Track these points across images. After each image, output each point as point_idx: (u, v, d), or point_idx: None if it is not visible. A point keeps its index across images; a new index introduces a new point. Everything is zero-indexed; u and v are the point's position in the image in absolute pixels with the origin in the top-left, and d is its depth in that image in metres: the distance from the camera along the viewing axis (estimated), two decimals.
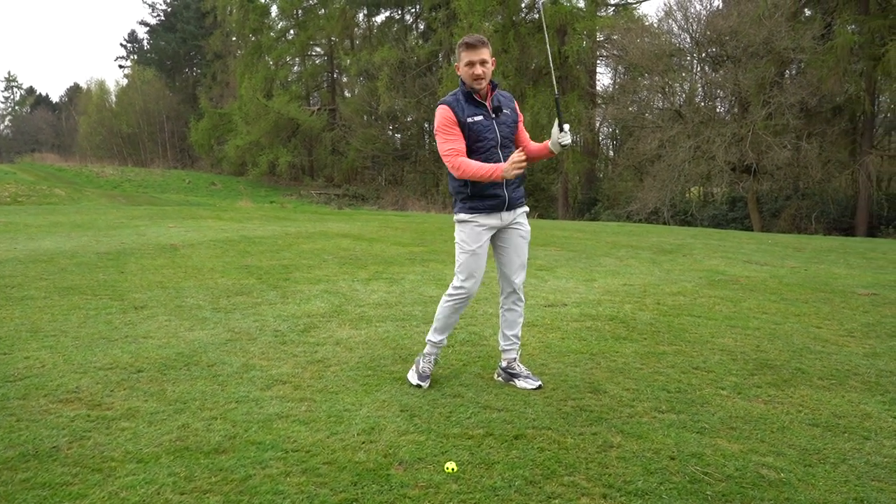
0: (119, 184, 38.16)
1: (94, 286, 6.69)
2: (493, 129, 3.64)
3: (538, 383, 3.79)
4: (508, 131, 3.71)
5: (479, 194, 3.70)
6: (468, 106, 3.63)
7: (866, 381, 3.97)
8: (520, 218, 3.84)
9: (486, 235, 3.75)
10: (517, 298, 3.93)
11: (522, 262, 3.88)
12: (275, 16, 46.85)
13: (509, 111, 3.74)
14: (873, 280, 7.76)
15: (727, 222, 26.22)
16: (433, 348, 3.95)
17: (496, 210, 3.72)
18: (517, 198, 3.78)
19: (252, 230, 12.09)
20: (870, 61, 23.52)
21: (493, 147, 3.64)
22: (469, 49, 3.56)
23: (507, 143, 3.71)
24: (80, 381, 3.81)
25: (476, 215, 3.72)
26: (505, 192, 3.70)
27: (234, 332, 4.95)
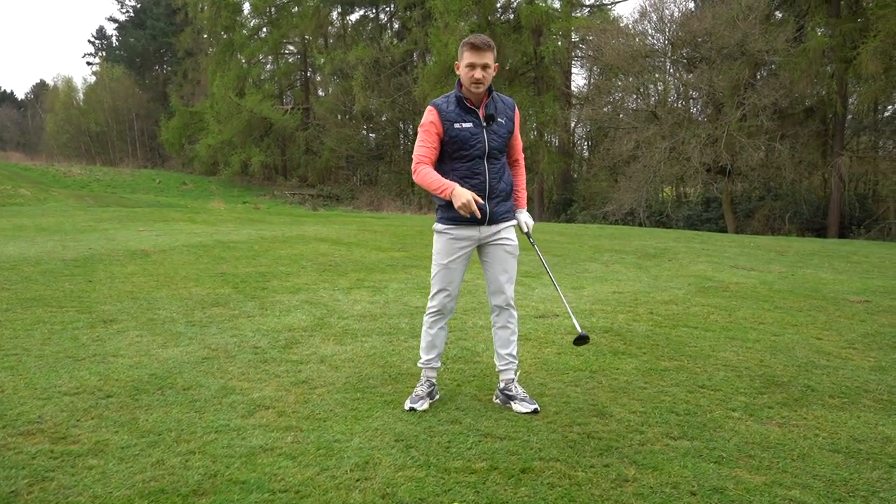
0: (87, 183, 37.27)
1: (59, 297, 6.33)
2: (482, 138, 3.44)
3: (534, 406, 3.53)
4: (499, 142, 3.49)
5: None
6: (458, 111, 3.44)
7: (879, 400, 3.81)
8: (505, 232, 3.59)
9: (462, 249, 3.55)
10: (508, 315, 3.69)
11: (510, 277, 3.65)
12: (247, 13, 46.14)
13: (505, 120, 3.53)
14: (862, 286, 7.68)
15: (702, 223, 26.33)
16: (424, 369, 3.74)
17: (474, 223, 3.50)
18: (501, 212, 3.56)
19: (226, 234, 11.72)
20: (841, 64, 23.77)
21: (479, 157, 3.44)
22: (473, 51, 3.36)
23: (495, 155, 3.49)
24: (44, 409, 3.50)
25: (451, 227, 3.53)
26: (486, 205, 3.47)
27: (211, 349, 4.66)
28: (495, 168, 3.51)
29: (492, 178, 3.49)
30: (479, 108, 3.46)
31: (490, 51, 3.35)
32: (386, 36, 42.94)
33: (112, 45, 63.97)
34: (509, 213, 3.63)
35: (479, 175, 3.47)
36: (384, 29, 44.40)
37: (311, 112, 43.17)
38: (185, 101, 50.65)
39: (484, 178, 3.48)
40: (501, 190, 3.55)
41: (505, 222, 3.60)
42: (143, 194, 35.44)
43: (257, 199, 36.42)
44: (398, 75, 37.32)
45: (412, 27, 37.58)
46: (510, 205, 3.64)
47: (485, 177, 3.48)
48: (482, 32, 31.80)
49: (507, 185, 3.59)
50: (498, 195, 3.53)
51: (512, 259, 3.63)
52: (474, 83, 3.38)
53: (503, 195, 3.57)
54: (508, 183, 3.62)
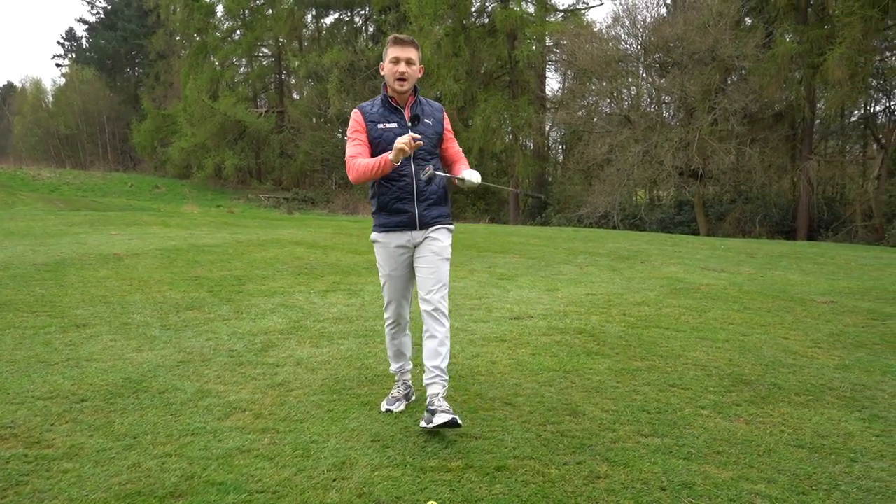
0: (57, 187, 36.68)
1: (30, 302, 6.25)
2: None
3: (452, 416, 3.14)
4: (426, 143, 3.36)
5: (385, 208, 3.43)
6: (383, 111, 3.40)
7: (842, 397, 3.92)
8: (435, 233, 3.45)
9: (400, 256, 3.46)
10: (436, 323, 3.38)
11: (438, 280, 3.41)
12: (220, 15, 45.72)
13: (432, 122, 3.44)
14: (828, 287, 7.86)
15: (674, 225, 26.67)
16: (396, 375, 3.79)
17: (405, 228, 3.41)
18: (433, 216, 3.43)
19: (200, 238, 11.64)
20: (809, 69, 24.27)
21: (405, 158, 3.30)
22: (397, 45, 3.31)
23: (422, 156, 3.38)
24: (17, 414, 3.47)
25: (384, 234, 3.45)
26: (415, 209, 3.39)
27: (187, 353, 4.65)
28: (421, 168, 3.36)
29: (419, 180, 3.38)
30: (405, 109, 3.39)
31: (413, 47, 3.31)
32: (361, 39, 42.87)
33: (82, 46, 62.96)
34: (444, 218, 3.49)
35: (406, 177, 3.37)
36: (359, 32, 44.32)
37: (286, 115, 42.95)
38: (158, 104, 50.05)
39: (410, 180, 3.37)
40: (432, 193, 3.42)
41: (438, 227, 3.47)
42: (114, 198, 34.96)
43: (231, 202, 36.13)
44: (373, 78, 37.26)
45: (387, 30, 37.55)
46: (444, 210, 3.50)
47: (411, 178, 3.37)
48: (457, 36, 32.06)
49: (438, 188, 3.46)
50: (427, 198, 3.41)
51: (439, 261, 3.43)
52: (398, 79, 3.30)
53: (434, 199, 3.44)
54: (441, 186, 3.48)
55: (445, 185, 3.51)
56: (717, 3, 25.21)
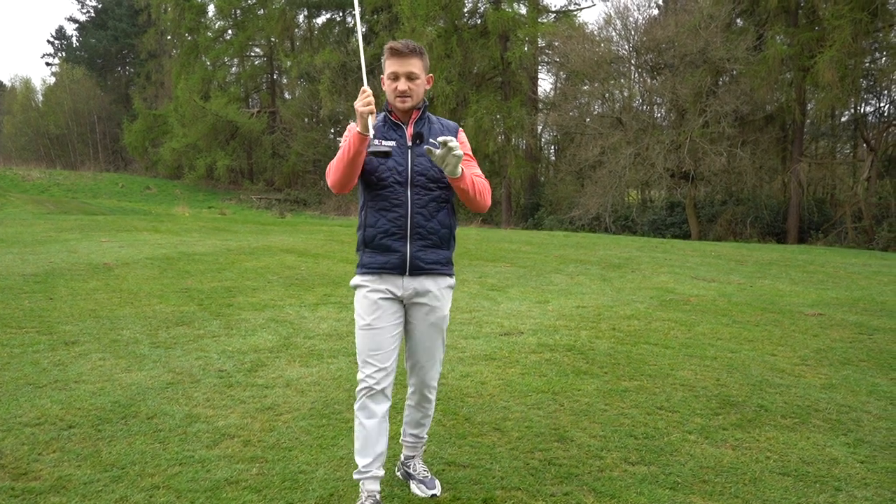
0: (47, 188, 36.49)
1: (19, 316, 6.23)
2: (405, 159, 2.76)
3: (434, 491, 2.97)
4: (430, 168, 2.77)
5: (370, 244, 2.83)
6: (384, 126, 2.84)
7: (828, 419, 3.96)
8: (432, 297, 2.85)
9: (384, 306, 2.80)
10: (423, 400, 3.01)
11: (433, 357, 2.94)
12: (212, 15, 45.59)
13: None
14: (817, 297, 7.92)
15: (666, 227, 26.78)
16: (362, 480, 2.83)
17: (392, 272, 2.80)
18: (428, 261, 2.81)
19: (191, 245, 11.61)
20: (799, 72, 24.42)
21: (399, 183, 2.74)
22: (395, 57, 2.73)
23: (422, 183, 2.77)
24: (4, 442, 3.46)
25: (366, 277, 2.83)
26: (406, 248, 2.77)
27: (176, 373, 4.64)
28: (422, 200, 2.77)
29: (415, 213, 2.76)
30: (408, 126, 2.82)
31: (416, 57, 2.72)
32: (353, 39, 42.79)
33: (72, 45, 62.61)
34: (441, 265, 2.86)
35: (399, 207, 2.76)
36: (351, 32, 44.24)
37: (278, 115, 42.86)
38: (149, 104, 49.88)
39: (404, 212, 2.76)
40: (431, 231, 2.80)
41: (433, 277, 2.85)
42: (105, 199, 34.80)
43: (223, 203, 36.02)
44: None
45: (379, 31, 37.52)
46: (444, 255, 2.87)
47: (405, 209, 2.76)
48: (449, 38, 32.09)
49: (440, 227, 2.82)
50: (423, 237, 2.79)
51: (435, 332, 2.91)
52: (399, 97, 2.76)
53: (433, 239, 2.81)
54: (445, 226, 2.85)
55: (452, 223, 2.90)
56: (709, 5, 25.34)
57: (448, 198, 2.86)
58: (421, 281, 2.83)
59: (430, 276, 2.85)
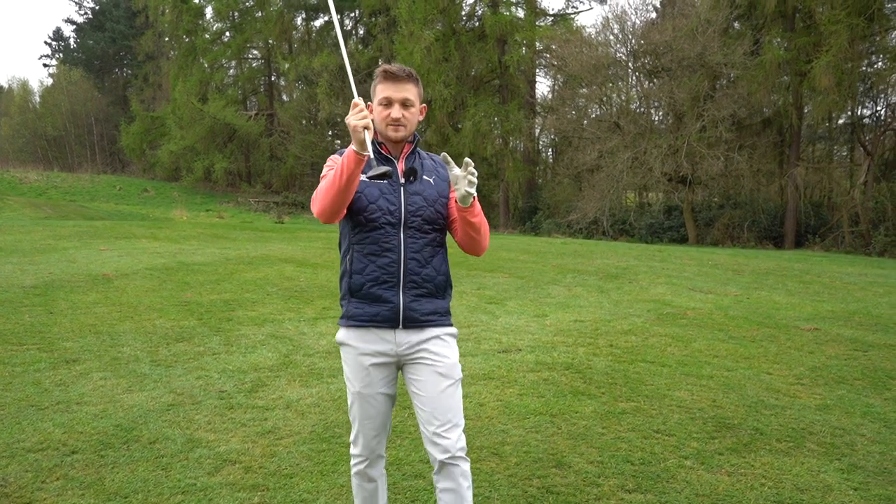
0: (44, 190, 36.48)
1: (19, 332, 6.26)
2: (397, 198, 2.44)
3: None
4: (424, 208, 2.47)
5: (356, 293, 2.48)
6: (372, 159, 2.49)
7: (822, 443, 4.00)
8: (434, 344, 2.49)
9: (375, 371, 2.49)
10: (455, 473, 2.47)
11: (450, 411, 2.47)
12: (210, 17, 45.60)
13: (434, 180, 2.53)
14: (813, 311, 7.98)
15: (663, 231, 26.87)
16: None
17: (383, 325, 2.46)
18: (425, 312, 2.48)
19: (190, 254, 11.64)
20: (796, 77, 24.51)
21: (391, 225, 2.43)
22: (389, 81, 2.44)
23: (417, 224, 2.46)
24: (8, 469, 3.50)
25: (353, 333, 2.50)
26: (399, 298, 2.45)
27: (177, 394, 4.68)
28: (416, 244, 2.47)
29: (409, 258, 2.45)
30: (399, 160, 2.51)
31: (412, 83, 2.45)
32: (351, 42, 42.84)
33: (69, 47, 62.57)
34: (439, 315, 2.53)
35: (391, 252, 2.44)
36: (349, 35, 44.28)
37: (276, 118, 42.88)
38: (146, 106, 49.87)
39: (396, 257, 2.44)
40: (427, 279, 2.48)
41: (432, 328, 2.51)
42: (103, 202, 34.80)
43: (221, 206, 36.02)
44: (363, 82, 37.23)
45: (377, 34, 37.60)
46: (442, 305, 2.55)
47: (398, 254, 2.44)
48: (447, 41, 32.16)
49: (436, 274, 2.51)
50: (418, 285, 2.47)
51: (447, 384, 2.48)
52: (391, 125, 2.45)
53: (429, 287, 2.50)
54: (441, 272, 2.54)
55: (447, 269, 2.60)
56: (706, 9, 25.43)
57: (443, 241, 2.59)
58: (417, 333, 2.50)
59: (431, 326, 2.51)
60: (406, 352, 2.51)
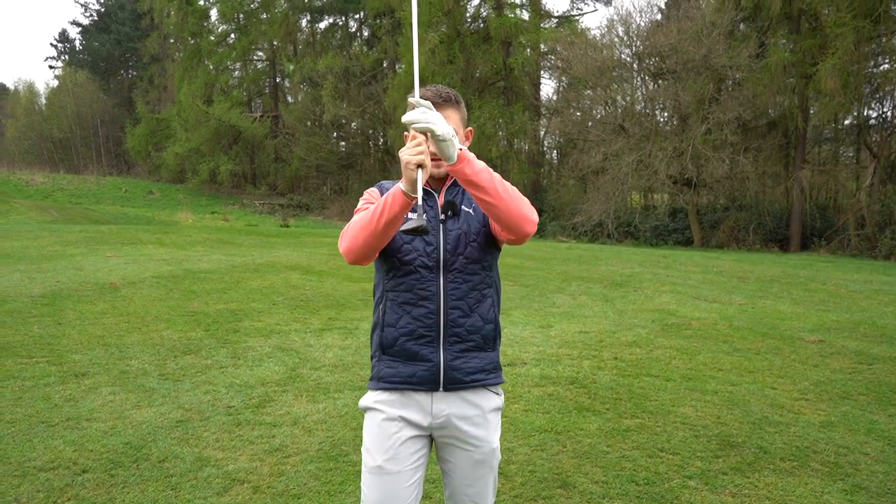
0: (50, 193, 36.65)
1: (28, 344, 6.32)
2: (436, 237, 2.11)
3: None
4: (465, 245, 2.11)
5: (389, 348, 2.13)
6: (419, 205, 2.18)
7: (826, 462, 4.02)
8: (472, 423, 2.13)
9: (404, 443, 2.10)
10: None
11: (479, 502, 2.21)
12: (215, 19, 45.78)
13: (474, 211, 2.17)
14: (818, 321, 7.98)
15: (668, 233, 26.85)
16: None
17: (419, 388, 2.11)
18: (470, 371, 2.12)
19: (196, 261, 11.70)
20: (802, 79, 24.47)
21: (427, 268, 2.09)
22: None
23: (461, 266, 2.10)
24: (20, 489, 3.55)
25: (384, 396, 2.14)
26: (439, 355, 2.09)
27: (185, 410, 4.72)
28: (459, 289, 2.10)
29: (450, 307, 2.09)
30: (439, 194, 2.18)
31: (452, 107, 2.12)
32: (356, 44, 42.93)
33: (75, 49, 62.85)
34: (487, 374, 2.15)
35: (428, 300, 2.09)
36: (354, 37, 44.38)
37: (281, 120, 42.99)
38: (152, 108, 50.09)
39: (435, 306, 2.09)
40: (472, 330, 2.12)
41: (476, 393, 2.15)
42: (108, 205, 34.94)
43: (226, 208, 36.13)
44: (368, 84, 37.37)
45: (382, 36, 37.65)
46: (492, 361, 2.17)
47: (437, 302, 2.09)
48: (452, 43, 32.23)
49: (483, 324, 2.14)
50: (462, 339, 2.11)
51: (485, 473, 2.18)
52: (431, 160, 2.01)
53: (476, 340, 2.13)
54: (489, 320, 2.16)
55: (496, 316, 2.20)
56: (711, 12, 25.42)
57: (492, 281, 2.20)
58: (458, 402, 2.12)
59: (472, 391, 2.14)
60: (442, 426, 2.13)
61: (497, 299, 2.22)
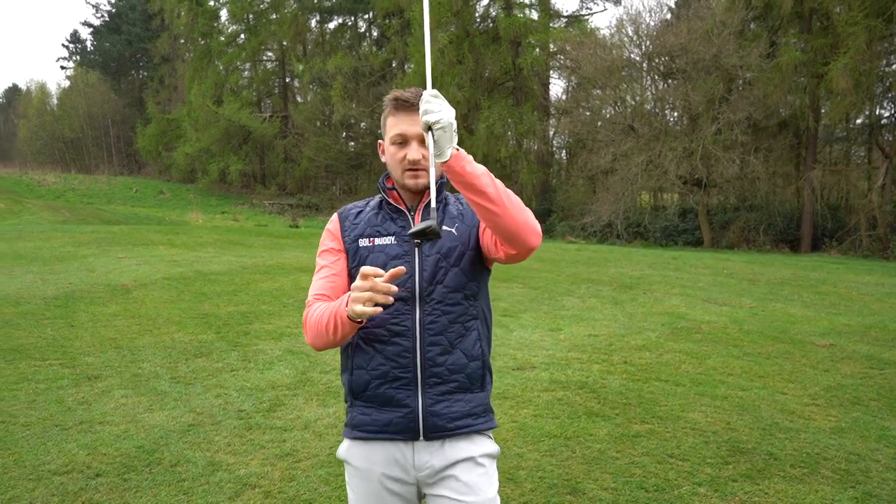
0: (62, 193, 36.90)
1: (42, 346, 6.38)
2: (409, 261, 1.87)
3: None
4: (449, 270, 1.87)
5: (361, 393, 1.90)
6: (377, 216, 1.97)
7: (837, 469, 4.01)
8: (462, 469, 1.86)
9: (390, 497, 1.90)
10: None
11: None
12: (224, 20, 45.96)
13: (458, 227, 1.93)
14: (829, 325, 7.95)
15: (678, 234, 26.76)
16: None
17: (397, 438, 1.87)
18: (454, 416, 1.86)
19: (207, 262, 11.76)
20: (813, 78, 24.34)
21: (401, 299, 1.83)
22: (403, 111, 1.87)
23: (440, 296, 1.86)
24: (34, 493, 3.59)
25: (358, 446, 1.91)
26: (417, 399, 1.85)
27: (197, 413, 4.76)
28: (438, 322, 1.86)
29: (428, 343, 1.85)
30: (416, 211, 1.94)
31: None
32: (365, 44, 43.00)
33: (87, 49, 63.26)
34: (474, 420, 1.89)
35: (402, 336, 1.85)
36: (363, 37, 44.45)
37: (290, 120, 43.10)
38: (162, 108, 50.34)
39: (411, 342, 1.85)
40: (454, 368, 1.86)
41: (461, 440, 1.88)
42: (119, 205, 35.15)
43: (236, 208, 36.27)
44: (377, 84, 37.40)
45: (391, 36, 37.71)
46: (480, 403, 1.92)
47: (412, 339, 1.85)
48: (461, 43, 32.32)
49: (467, 361, 1.88)
50: (443, 379, 1.86)
51: None
52: (409, 170, 1.88)
53: (459, 380, 1.87)
54: (475, 356, 1.90)
55: (484, 350, 1.94)
56: (721, 11, 25.30)
57: (478, 312, 1.93)
58: (444, 450, 1.87)
59: (459, 438, 1.88)
60: (428, 478, 1.88)
61: (485, 332, 1.96)
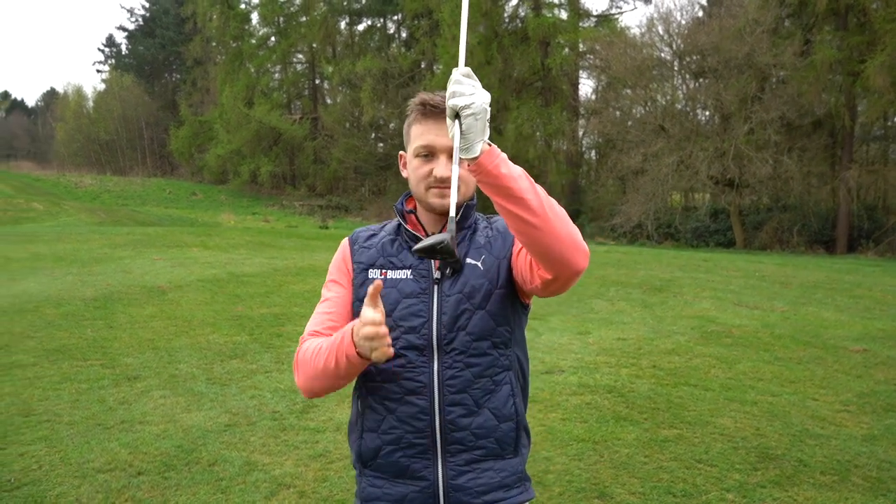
0: (98, 195, 37.70)
1: (83, 347, 6.59)
2: (427, 304, 1.62)
3: None
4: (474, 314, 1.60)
5: (371, 460, 1.65)
6: (392, 244, 1.73)
7: (867, 477, 4.00)
8: None
9: None
10: None
11: None
12: (255, 23, 46.58)
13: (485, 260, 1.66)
14: (863, 329, 7.85)
15: (709, 234, 26.48)
16: None
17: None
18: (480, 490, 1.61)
19: (240, 264, 11.98)
20: (848, 76, 23.90)
21: (415, 349, 1.60)
22: (429, 119, 1.62)
23: (463, 345, 1.59)
24: (80, 490, 3.74)
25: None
26: (437, 469, 1.60)
27: (233, 414, 4.89)
28: (460, 377, 1.60)
29: (448, 402, 1.60)
30: None
31: None
32: (394, 46, 43.24)
33: (121, 53, 64.56)
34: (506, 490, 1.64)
35: (418, 394, 1.60)
36: (392, 39, 44.70)
37: (320, 122, 43.50)
38: (195, 110, 51.14)
39: (428, 402, 1.60)
40: (481, 433, 1.61)
41: None
42: (153, 206, 35.81)
43: (266, 209, 36.75)
44: (406, 85, 37.58)
45: (420, 37, 37.86)
46: (513, 471, 1.66)
47: (429, 397, 1.60)
48: (490, 44, 32.42)
49: (497, 423, 1.63)
50: (467, 446, 1.60)
51: None
52: (434, 187, 1.63)
53: (488, 446, 1.62)
54: (507, 416, 1.64)
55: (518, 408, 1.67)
56: (754, 9, 24.95)
57: (510, 363, 1.65)
58: None
59: None
60: None
61: (520, 385, 1.67)
